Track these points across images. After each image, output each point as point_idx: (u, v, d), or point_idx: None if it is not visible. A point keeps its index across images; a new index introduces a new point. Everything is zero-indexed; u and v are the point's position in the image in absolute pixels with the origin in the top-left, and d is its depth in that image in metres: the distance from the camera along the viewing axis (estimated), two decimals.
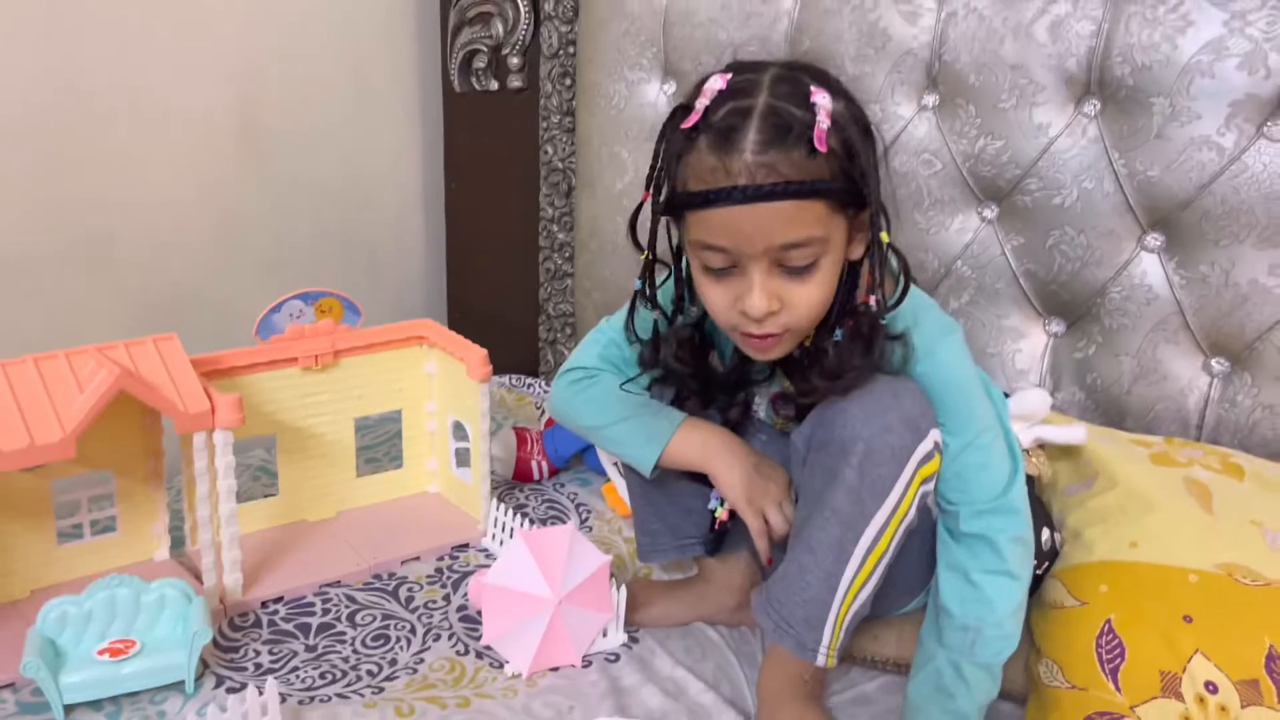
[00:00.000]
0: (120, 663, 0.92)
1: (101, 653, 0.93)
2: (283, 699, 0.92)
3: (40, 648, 0.91)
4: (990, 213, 1.28)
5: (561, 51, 1.53)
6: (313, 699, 0.94)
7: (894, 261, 0.89)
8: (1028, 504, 0.93)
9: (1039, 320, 1.29)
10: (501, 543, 1.19)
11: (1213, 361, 1.19)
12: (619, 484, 1.25)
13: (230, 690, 0.94)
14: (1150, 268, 1.20)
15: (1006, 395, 1.05)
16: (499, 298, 1.69)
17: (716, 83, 0.83)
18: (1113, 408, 1.24)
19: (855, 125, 0.83)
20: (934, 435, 0.88)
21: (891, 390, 0.87)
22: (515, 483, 1.36)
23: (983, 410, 0.92)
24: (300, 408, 1.18)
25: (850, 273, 0.88)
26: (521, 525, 1.18)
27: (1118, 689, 0.88)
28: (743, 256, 0.83)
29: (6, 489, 1.03)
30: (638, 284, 0.94)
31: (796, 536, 0.89)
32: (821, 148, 0.79)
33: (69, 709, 0.91)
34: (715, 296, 0.86)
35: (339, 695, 0.95)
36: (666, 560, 1.08)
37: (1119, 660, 0.89)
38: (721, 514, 1.01)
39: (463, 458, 1.26)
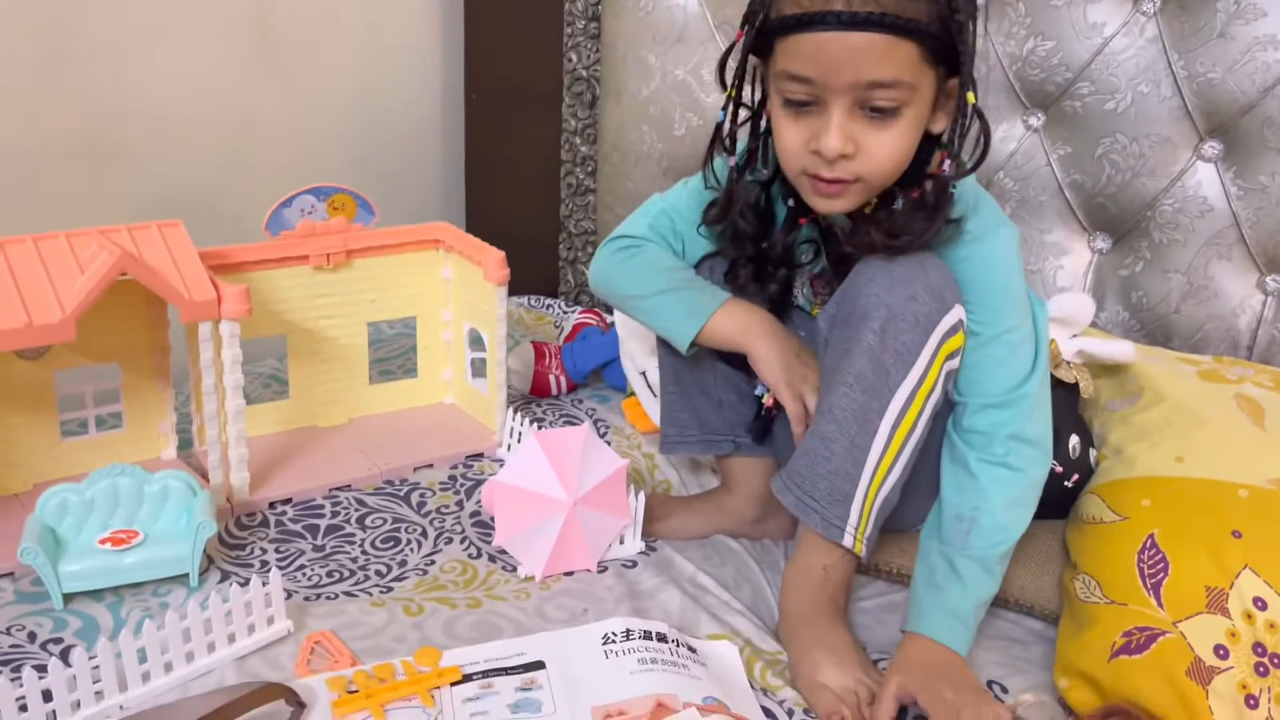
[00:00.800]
0: (122, 552, 0.90)
1: (103, 542, 0.90)
2: (288, 595, 0.90)
3: (39, 535, 0.88)
4: (1037, 120, 1.21)
5: None
6: (319, 596, 0.92)
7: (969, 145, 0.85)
8: (1045, 405, 0.89)
9: (1084, 235, 1.23)
10: None
11: (1268, 279, 1.13)
12: (642, 395, 1.21)
13: (234, 585, 0.92)
14: (1206, 178, 1.14)
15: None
16: (519, 215, 1.64)
17: None
18: (1159, 327, 1.19)
19: None
20: (959, 311, 0.85)
21: (918, 262, 0.84)
22: (532, 397, 1.32)
23: (1018, 309, 0.88)
24: (311, 308, 1.15)
25: (925, 146, 0.84)
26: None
27: (1160, 604, 0.83)
28: (826, 90, 0.80)
29: (8, 379, 1.00)
30: (720, 115, 0.91)
31: (818, 411, 0.86)
32: None
33: (69, 598, 0.89)
34: (790, 135, 0.83)
35: (346, 593, 0.92)
36: (690, 453, 1.04)
37: (1162, 575, 0.85)
38: (768, 399, 0.97)
39: (478, 369, 1.22)
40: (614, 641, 0.83)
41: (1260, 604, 0.81)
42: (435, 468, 1.14)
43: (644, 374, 1.20)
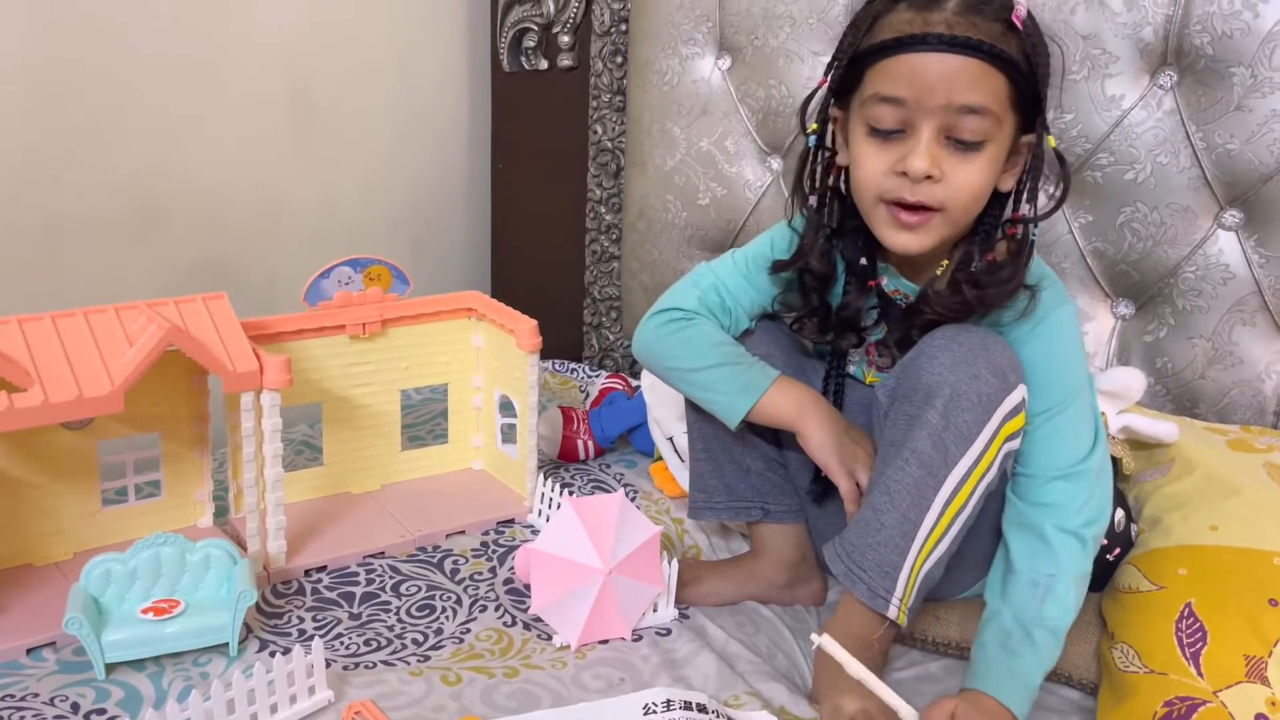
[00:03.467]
0: (164, 622, 0.90)
1: (145, 611, 0.91)
2: (327, 664, 0.90)
3: (83, 604, 0.89)
4: (1057, 190, 1.23)
5: (614, 29, 1.51)
6: (357, 665, 0.92)
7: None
8: (1108, 476, 0.90)
9: (1106, 302, 1.24)
10: (548, 519, 1.16)
11: None
12: (670, 460, 1.22)
13: (274, 654, 0.92)
14: (1227, 246, 1.15)
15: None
16: (543, 281, 1.67)
17: None
18: (1184, 393, 1.20)
19: (1042, 43, 0.85)
20: (1021, 391, 0.86)
21: (980, 341, 0.85)
22: (560, 462, 1.33)
23: (1082, 383, 0.90)
24: (346, 377, 1.17)
25: (996, 201, 0.87)
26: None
27: (1200, 673, 0.83)
28: (918, 112, 0.83)
29: (52, 448, 1.01)
30: (810, 141, 0.93)
31: (872, 483, 0.87)
32: (1018, 24, 0.81)
33: (110, 668, 0.89)
34: (872, 162, 0.86)
35: (384, 662, 0.93)
36: (717, 519, 1.05)
37: (1201, 644, 0.85)
38: None
39: (508, 434, 1.24)
40: (654, 712, 0.83)
41: None
42: (467, 534, 1.15)
43: (671, 439, 1.22)
